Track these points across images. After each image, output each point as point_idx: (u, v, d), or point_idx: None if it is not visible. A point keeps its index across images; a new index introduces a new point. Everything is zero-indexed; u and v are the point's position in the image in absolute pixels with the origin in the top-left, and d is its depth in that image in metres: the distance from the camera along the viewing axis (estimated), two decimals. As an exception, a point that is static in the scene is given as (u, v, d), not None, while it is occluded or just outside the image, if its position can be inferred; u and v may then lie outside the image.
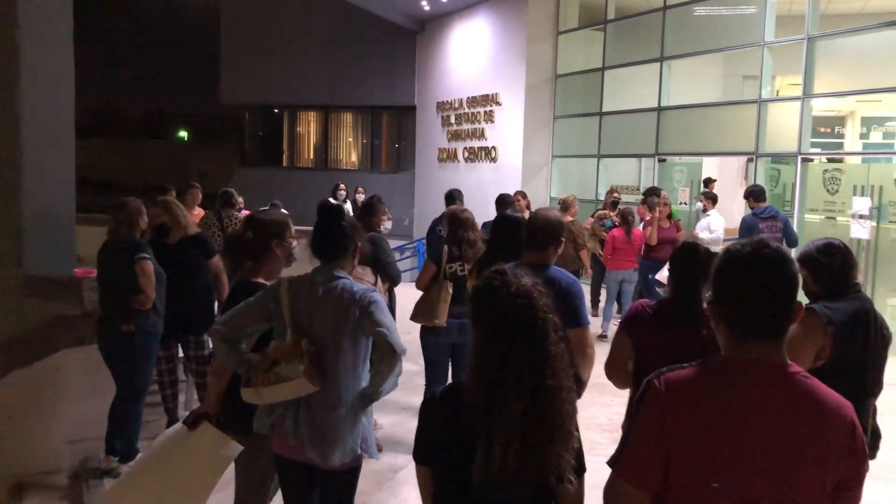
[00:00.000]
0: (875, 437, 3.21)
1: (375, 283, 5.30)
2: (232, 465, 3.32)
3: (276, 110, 22.27)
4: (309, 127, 22.07)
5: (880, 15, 10.39)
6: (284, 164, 21.91)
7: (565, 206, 9.11)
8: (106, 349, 5.06)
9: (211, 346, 3.84)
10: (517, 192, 9.29)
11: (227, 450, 3.18)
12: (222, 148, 27.22)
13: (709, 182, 11.04)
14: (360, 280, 4.52)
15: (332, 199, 11.65)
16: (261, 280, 3.48)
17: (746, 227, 8.48)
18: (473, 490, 1.90)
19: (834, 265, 3.14)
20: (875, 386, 3.16)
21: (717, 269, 1.78)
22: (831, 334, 2.96)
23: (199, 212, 8.87)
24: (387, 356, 2.92)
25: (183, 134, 35.79)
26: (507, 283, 1.95)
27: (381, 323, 2.93)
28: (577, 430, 1.99)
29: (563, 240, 3.74)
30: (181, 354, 5.65)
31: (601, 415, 6.19)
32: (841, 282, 3.14)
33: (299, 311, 2.98)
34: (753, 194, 8.75)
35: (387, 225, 6.16)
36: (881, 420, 3.33)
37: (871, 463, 3.26)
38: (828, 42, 10.03)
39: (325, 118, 21.31)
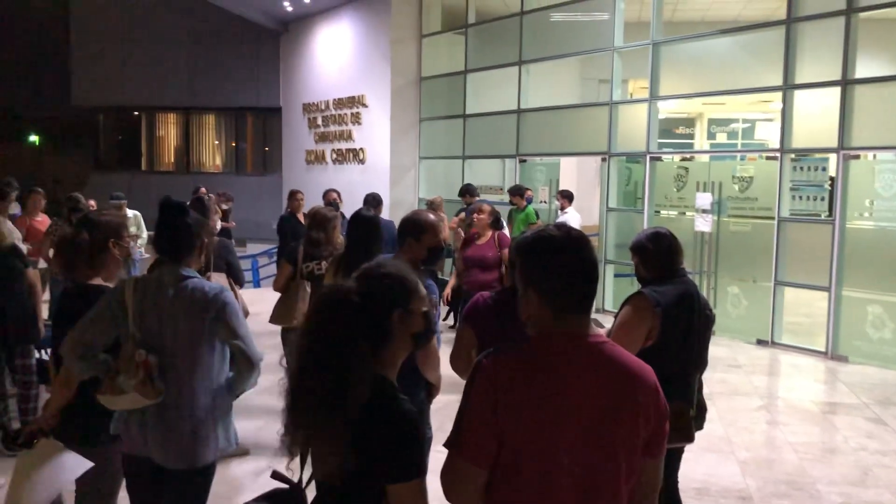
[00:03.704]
0: (701, 409, 3.45)
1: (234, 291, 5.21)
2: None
3: (134, 112, 21.35)
4: (169, 129, 21.31)
5: (718, 23, 11.14)
6: (143, 168, 21.07)
7: (433, 206, 9.19)
8: None
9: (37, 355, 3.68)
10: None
11: (72, 465, 3.01)
12: (76, 152, 25.82)
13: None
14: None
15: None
16: (99, 282, 3.33)
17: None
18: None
19: (661, 251, 3.36)
20: (700, 362, 3.42)
21: (533, 251, 1.89)
22: (659, 315, 3.17)
23: (43, 218, 8.45)
24: (244, 368, 2.90)
25: (34, 138, 33.58)
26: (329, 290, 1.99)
27: (237, 335, 2.88)
28: None
29: (423, 237, 3.53)
30: None
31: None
32: (668, 267, 3.36)
33: (148, 315, 2.86)
34: (470, 191, 9.91)
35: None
36: (717, 398, 3.58)
37: (704, 436, 3.53)
38: (672, 47, 10.63)
39: (185, 120, 20.64)
